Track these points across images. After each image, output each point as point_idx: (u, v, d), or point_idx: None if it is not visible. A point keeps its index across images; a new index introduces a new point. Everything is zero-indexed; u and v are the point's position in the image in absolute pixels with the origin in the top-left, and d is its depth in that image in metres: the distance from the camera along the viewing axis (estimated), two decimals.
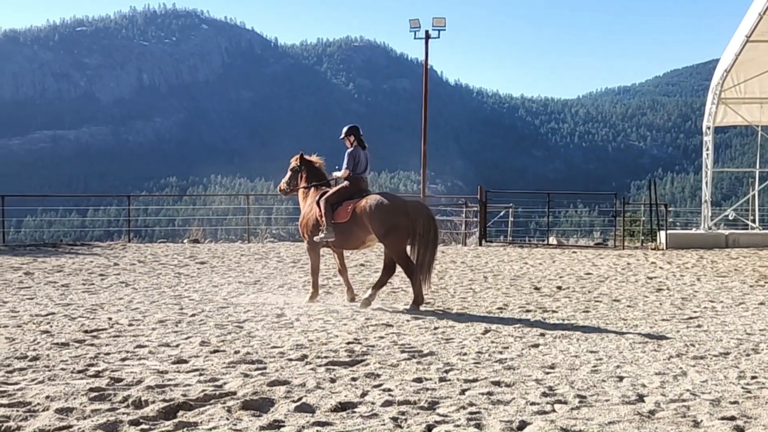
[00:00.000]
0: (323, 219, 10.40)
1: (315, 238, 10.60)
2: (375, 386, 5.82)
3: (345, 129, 10.94)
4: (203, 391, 5.58)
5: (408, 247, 10.06)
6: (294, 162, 11.32)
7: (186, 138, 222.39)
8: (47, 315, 9.17)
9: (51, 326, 8.39)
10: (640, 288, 12.37)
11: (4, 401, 5.27)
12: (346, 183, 10.62)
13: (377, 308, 10.05)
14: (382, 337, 7.87)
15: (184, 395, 5.46)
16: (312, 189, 10.99)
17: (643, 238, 23.44)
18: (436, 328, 8.44)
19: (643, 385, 5.90)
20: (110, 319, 8.92)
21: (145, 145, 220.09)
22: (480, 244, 21.93)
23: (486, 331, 8.26)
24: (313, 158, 11.36)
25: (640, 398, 5.52)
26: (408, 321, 8.97)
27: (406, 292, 11.60)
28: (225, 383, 5.88)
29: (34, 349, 7.08)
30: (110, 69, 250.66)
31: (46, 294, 11.12)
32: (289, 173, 11.35)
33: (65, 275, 13.56)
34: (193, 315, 9.27)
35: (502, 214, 25.48)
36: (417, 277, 9.91)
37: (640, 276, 14.05)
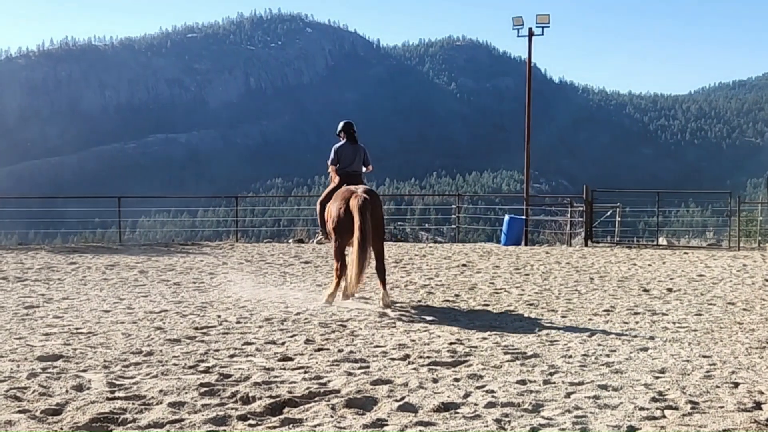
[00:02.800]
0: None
1: (314, 241, 11.02)
2: (478, 387, 5.79)
3: (340, 125, 11.18)
4: (308, 388, 5.68)
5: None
6: None
7: (291, 140, 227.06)
8: (160, 312, 9.53)
9: (164, 323, 8.72)
10: (758, 291, 11.83)
11: (121, 394, 5.51)
12: (336, 180, 10.88)
13: (479, 309, 9.99)
14: (484, 338, 7.82)
15: (290, 392, 5.58)
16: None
17: (760, 238, 22.42)
18: (540, 330, 8.32)
19: (761, 392, 5.65)
20: (219, 316, 9.20)
21: (252, 148, 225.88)
22: (586, 245, 21.48)
23: (592, 334, 8.08)
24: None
25: (758, 406, 5.28)
26: (512, 322, 8.88)
27: (509, 293, 11.49)
28: (329, 381, 5.97)
29: (149, 345, 7.38)
30: (219, 73, 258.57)
31: (160, 292, 11.56)
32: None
33: (177, 274, 14.05)
34: (298, 313, 9.45)
35: (609, 213, 24.87)
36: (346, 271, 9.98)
37: (758, 278, 13.43)
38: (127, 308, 9.87)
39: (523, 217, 23.17)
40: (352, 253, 9.86)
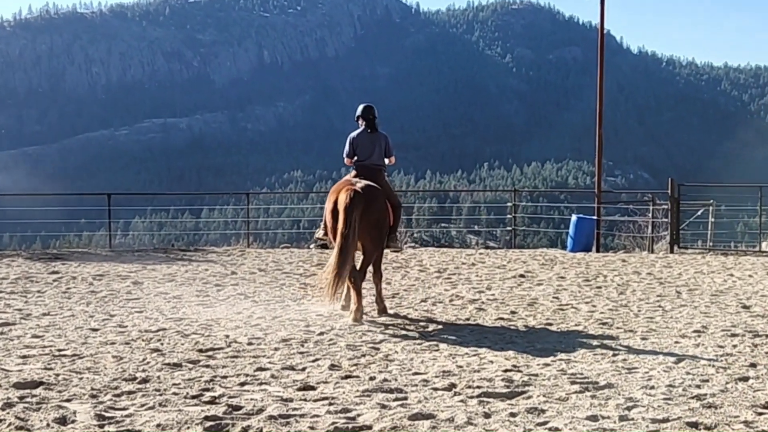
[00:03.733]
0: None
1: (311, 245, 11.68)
2: (539, 424, 5.78)
3: (359, 109, 11.65)
4: (333, 423, 5.71)
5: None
6: None
7: (313, 124, 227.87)
8: (158, 331, 9.63)
9: (162, 344, 8.82)
10: None
11: (112, 429, 5.58)
12: (353, 172, 11.42)
13: (541, 329, 9.95)
14: (547, 364, 7.79)
15: (312, 428, 5.61)
16: None
17: None
18: (615, 355, 8.26)
19: None
20: (227, 336, 9.27)
21: (266, 134, 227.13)
22: (671, 251, 21.29)
23: (679, 360, 8.01)
24: None
25: None
26: (580, 345, 8.83)
27: (577, 310, 11.42)
28: (359, 415, 5.99)
29: (144, 370, 7.47)
30: (226, 46, 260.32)
31: (157, 307, 11.68)
32: None
33: (177, 285, 14.18)
34: (322, 333, 9.49)
35: (699, 213, 24.62)
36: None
37: None
38: (118, 326, 9.98)
39: (594, 218, 23.02)
40: (331, 256, 10.52)
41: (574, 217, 22.85)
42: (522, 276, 15.44)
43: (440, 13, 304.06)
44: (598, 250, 22.25)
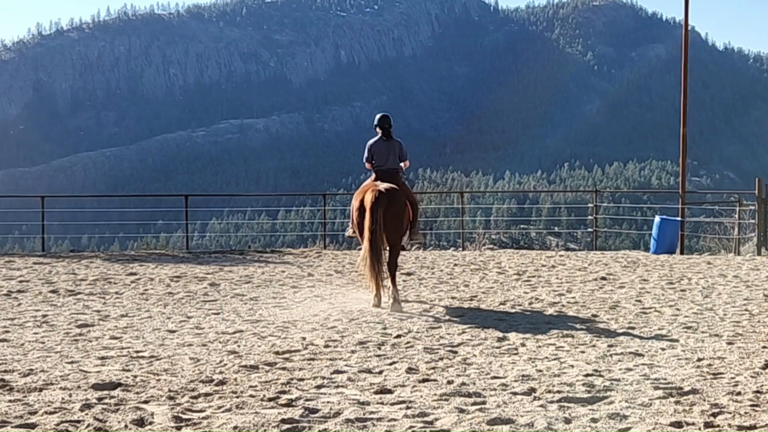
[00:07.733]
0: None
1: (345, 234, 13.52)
2: (621, 430, 5.74)
3: (377, 118, 13.09)
4: (411, 427, 5.72)
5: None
6: None
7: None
8: (234, 333, 9.77)
9: (239, 346, 8.94)
10: None
11: (189, 431, 5.68)
12: (372, 176, 12.83)
13: (622, 333, 9.82)
14: (629, 369, 7.70)
15: (389, 431, 5.62)
16: None
17: None
18: (700, 360, 8.13)
19: None
20: (304, 339, 9.35)
21: (342, 134, 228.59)
22: (758, 253, 20.84)
23: (767, 365, 7.84)
24: None
25: None
26: (663, 350, 8.70)
27: (660, 314, 11.25)
28: (436, 419, 6.00)
29: (221, 372, 7.58)
30: (303, 46, 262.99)
31: (233, 308, 11.84)
32: None
33: (254, 287, 14.35)
34: (399, 336, 9.51)
35: None
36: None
37: None
38: (195, 328, 10.16)
39: (679, 219, 22.66)
40: (362, 250, 11.74)
41: (657, 218, 22.52)
42: (603, 278, 15.27)
43: (519, 10, 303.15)
44: (682, 252, 21.90)
